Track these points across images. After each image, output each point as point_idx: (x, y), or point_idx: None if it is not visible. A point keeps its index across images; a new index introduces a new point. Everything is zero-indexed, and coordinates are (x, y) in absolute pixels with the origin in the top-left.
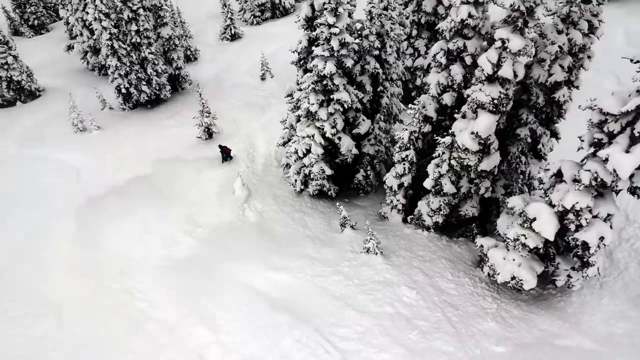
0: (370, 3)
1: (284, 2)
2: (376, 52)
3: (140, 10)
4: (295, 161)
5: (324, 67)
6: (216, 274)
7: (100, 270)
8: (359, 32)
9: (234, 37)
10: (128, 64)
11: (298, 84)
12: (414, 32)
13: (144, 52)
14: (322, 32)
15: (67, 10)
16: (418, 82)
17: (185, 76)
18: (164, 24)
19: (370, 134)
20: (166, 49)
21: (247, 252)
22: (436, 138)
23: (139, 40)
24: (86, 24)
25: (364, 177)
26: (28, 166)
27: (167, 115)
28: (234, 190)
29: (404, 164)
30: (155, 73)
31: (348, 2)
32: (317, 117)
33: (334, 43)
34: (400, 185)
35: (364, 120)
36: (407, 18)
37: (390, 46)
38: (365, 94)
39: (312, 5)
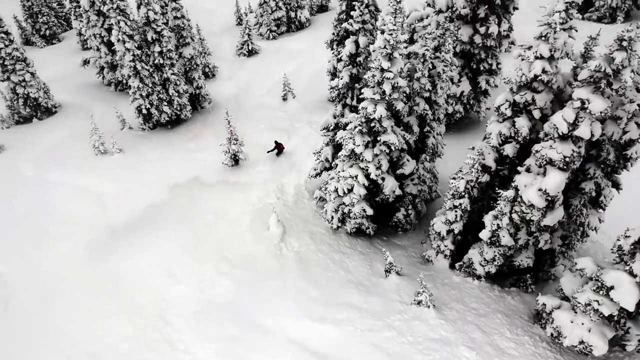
0: (424, 46)
1: (300, 16)
2: (427, 95)
3: (165, 32)
4: (334, 199)
5: (374, 111)
6: (259, 323)
7: (134, 312)
8: (409, 74)
9: (251, 52)
10: (150, 84)
11: (335, 117)
12: None
13: (166, 72)
14: (373, 75)
15: (81, 21)
16: (450, 109)
17: (206, 95)
18: (186, 44)
19: (414, 173)
20: (187, 68)
21: (290, 298)
22: (498, 192)
23: (161, 61)
24: (104, 40)
25: (404, 216)
26: (49, 192)
27: (189, 137)
28: (269, 227)
29: (456, 212)
30: (177, 94)
31: (404, 46)
32: (361, 158)
33: (386, 87)
34: (449, 231)
35: (408, 160)
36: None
37: (441, 88)
38: (412, 135)
39: (356, 42)
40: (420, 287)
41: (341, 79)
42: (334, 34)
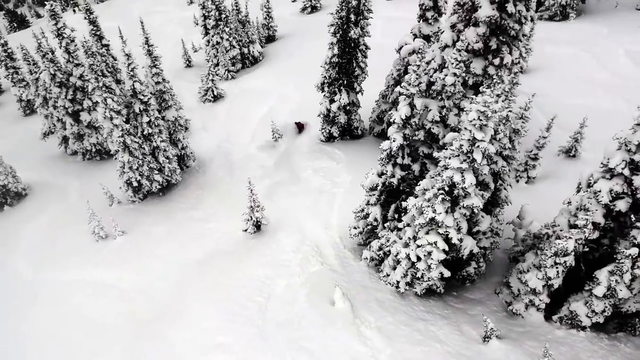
0: (507, 108)
1: (252, 51)
2: (507, 153)
3: (152, 101)
4: (405, 266)
5: (463, 180)
6: None
7: None
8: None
9: (217, 97)
10: (140, 156)
11: (380, 176)
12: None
13: (155, 141)
14: (461, 145)
15: (20, 87)
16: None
17: (190, 154)
18: (169, 107)
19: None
20: (171, 131)
21: None
22: (619, 250)
23: (150, 130)
24: (68, 111)
25: (475, 269)
26: (59, 295)
27: (190, 204)
28: (333, 302)
29: (557, 268)
30: (167, 160)
31: (497, 112)
32: (440, 224)
33: (477, 156)
34: (546, 286)
35: (483, 217)
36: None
37: (519, 143)
38: (488, 192)
39: (411, 105)
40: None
41: (394, 141)
42: (325, 77)
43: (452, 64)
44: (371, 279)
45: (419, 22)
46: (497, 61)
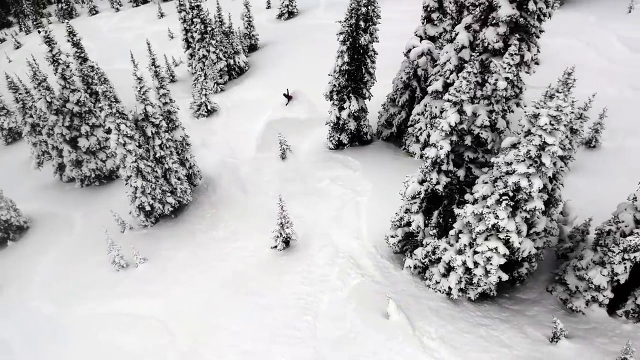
0: (561, 110)
1: (238, 62)
2: (565, 153)
3: (163, 123)
4: (462, 272)
5: (530, 184)
6: None
7: None
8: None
9: (210, 112)
10: (153, 180)
11: (422, 183)
12: None
13: (167, 163)
14: (528, 150)
15: (0, 117)
16: None
17: (197, 172)
18: (175, 127)
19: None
20: (179, 151)
21: None
22: None
23: (162, 153)
24: (66, 138)
25: (527, 269)
26: (87, 330)
27: (207, 225)
28: (387, 315)
29: (625, 264)
30: (179, 181)
31: (562, 111)
32: (500, 229)
33: (546, 160)
34: (610, 282)
35: (539, 217)
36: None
37: (577, 143)
38: (546, 193)
39: (460, 112)
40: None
41: (441, 148)
42: (334, 85)
43: (504, 68)
44: (418, 287)
45: (423, 23)
46: (517, 59)
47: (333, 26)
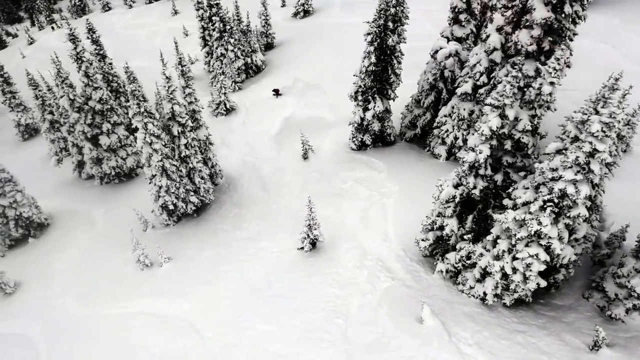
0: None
1: (256, 60)
2: (610, 159)
3: (189, 122)
4: (500, 278)
5: (577, 192)
6: None
7: None
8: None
9: (229, 111)
10: (177, 179)
11: (457, 187)
12: None
13: (191, 162)
14: (577, 157)
15: (18, 112)
16: None
17: (219, 171)
18: (200, 126)
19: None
20: (202, 150)
21: None
22: None
23: (187, 152)
24: (87, 136)
25: (564, 275)
26: (115, 330)
27: (230, 225)
28: (422, 319)
29: None
30: (202, 180)
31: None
32: (542, 236)
33: (595, 167)
34: None
35: (579, 224)
36: None
37: (622, 150)
38: (588, 199)
39: (501, 116)
40: None
41: (480, 152)
42: (359, 86)
43: (550, 72)
44: (450, 292)
45: (450, 24)
46: (562, 63)
47: (348, 25)
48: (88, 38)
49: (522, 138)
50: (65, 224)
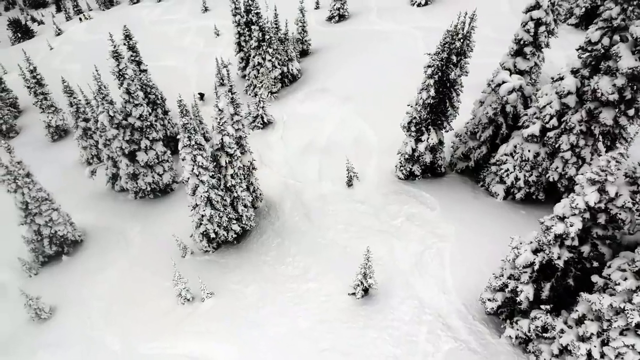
0: None
1: (291, 69)
2: None
3: (237, 152)
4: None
5: None
6: None
7: None
8: None
9: (266, 124)
10: (222, 208)
11: (536, 252)
12: None
13: (236, 192)
14: None
15: (49, 113)
16: None
17: (260, 195)
18: (244, 152)
19: None
20: (246, 175)
21: None
22: None
23: (232, 182)
24: (125, 152)
25: None
26: None
27: (272, 256)
28: None
29: None
30: (245, 209)
31: None
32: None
33: None
34: None
35: None
36: None
37: None
38: None
39: (600, 191)
40: None
41: (571, 225)
42: (413, 117)
43: None
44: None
45: (511, 55)
46: (631, 112)
47: (387, 33)
48: (124, 44)
49: (620, 214)
50: (99, 242)
